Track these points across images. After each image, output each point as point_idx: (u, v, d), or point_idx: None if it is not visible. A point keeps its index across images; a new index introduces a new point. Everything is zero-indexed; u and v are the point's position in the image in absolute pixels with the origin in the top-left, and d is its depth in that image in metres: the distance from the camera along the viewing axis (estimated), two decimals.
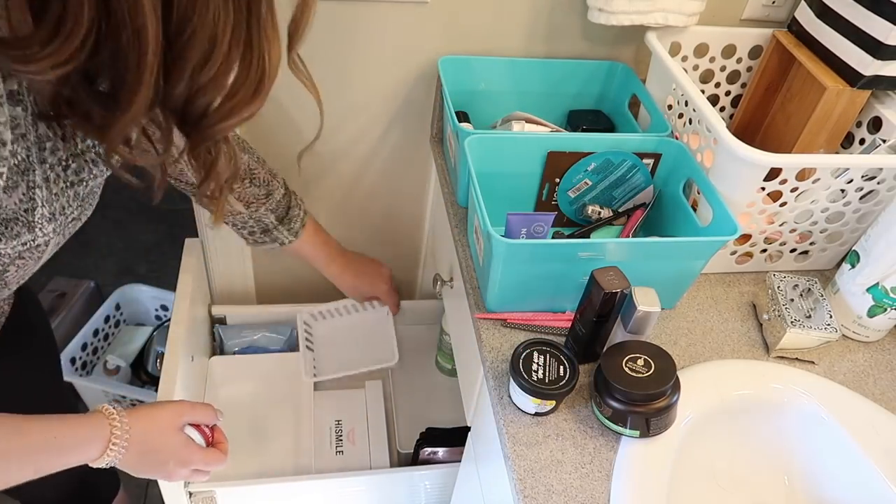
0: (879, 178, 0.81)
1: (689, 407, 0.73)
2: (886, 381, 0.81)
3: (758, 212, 0.83)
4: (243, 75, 0.46)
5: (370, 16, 0.98)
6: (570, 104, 1.07)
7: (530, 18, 1.01)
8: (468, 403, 0.94)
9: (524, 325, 0.81)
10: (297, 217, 1.00)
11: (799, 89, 0.93)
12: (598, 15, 0.94)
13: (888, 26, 0.79)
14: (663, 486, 0.67)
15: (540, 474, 0.67)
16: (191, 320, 1.04)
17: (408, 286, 1.43)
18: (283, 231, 0.99)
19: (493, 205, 0.77)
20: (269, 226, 0.97)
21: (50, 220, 0.54)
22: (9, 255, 0.53)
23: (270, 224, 0.97)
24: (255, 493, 1.03)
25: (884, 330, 0.85)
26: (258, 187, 0.92)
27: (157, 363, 1.52)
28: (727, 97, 1.06)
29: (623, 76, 1.03)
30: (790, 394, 0.77)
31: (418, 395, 1.27)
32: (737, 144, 0.76)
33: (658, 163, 0.89)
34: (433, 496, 1.12)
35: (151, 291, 1.64)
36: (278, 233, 0.99)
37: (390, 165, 1.19)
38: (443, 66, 0.98)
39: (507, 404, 0.73)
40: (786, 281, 0.85)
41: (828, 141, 0.90)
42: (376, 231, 1.30)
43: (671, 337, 0.83)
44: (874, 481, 0.71)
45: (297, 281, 1.36)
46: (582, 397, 0.75)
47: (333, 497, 1.08)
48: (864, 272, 0.81)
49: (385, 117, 1.11)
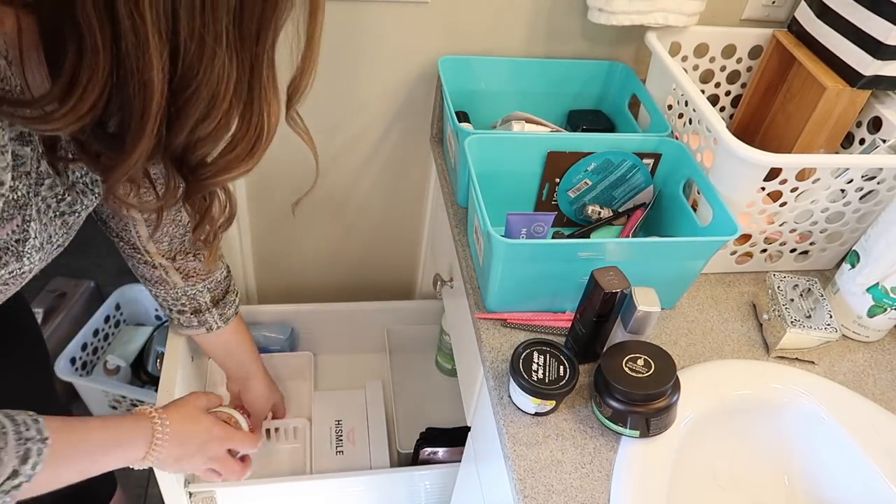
0: (879, 178, 0.81)
1: (689, 407, 0.73)
2: (886, 381, 0.81)
3: (758, 212, 0.83)
4: (242, 131, 0.48)
5: (370, 16, 0.98)
6: (571, 104, 1.07)
7: (530, 18, 1.01)
8: (468, 403, 0.94)
9: (524, 325, 0.81)
10: (231, 303, 0.93)
11: (799, 89, 0.93)
12: (598, 15, 0.94)
13: (888, 26, 0.79)
14: (663, 486, 0.67)
15: (540, 474, 0.67)
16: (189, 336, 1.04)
17: (408, 286, 1.43)
18: (214, 315, 0.91)
19: (493, 205, 0.77)
20: (202, 307, 0.90)
21: (38, 249, 0.55)
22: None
23: (204, 305, 0.90)
24: (255, 493, 1.03)
25: (884, 330, 0.85)
26: (202, 262, 0.87)
27: (157, 363, 1.51)
28: (727, 97, 1.06)
29: (623, 76, 1.03)
30: (790, 394, 0.77)
31: (418, 395, 1.27)
32: (737, 144, 0.76)
33: (658, 163, 0.89)
34: (433, 496, 1.12)
35: None
36: (209, 315, 0.91)
37: (390, 165, 1.19)
38: (443, 66, 0.98)
39: (507, 404, 0.73)
40: (786, 281, 0.85)
41: (828, 141, 0.90)
42: (376, 231, 1.30)
43: (671, 337, 0.83)
44: (874, 481, 0.71)
45: (297, 281, 1.36)
46: (582, 397, 0.75)
47: (333, 497, 1.08)
48: (864, 272, 0.81)
49: (385, 117, 1.11)
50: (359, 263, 1.35)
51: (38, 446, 0.59)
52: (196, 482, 0.98)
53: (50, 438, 0.60)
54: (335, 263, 1.34)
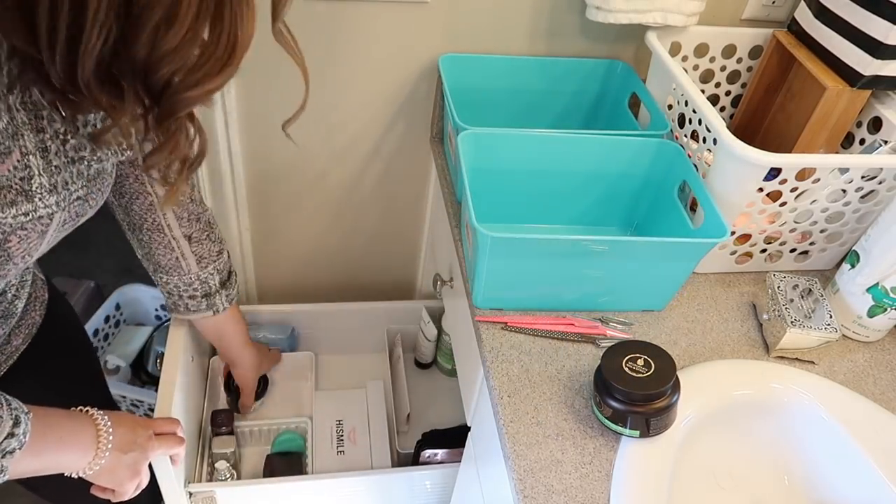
0: (879, 178, 0.81)
1: (689, 407, 0.73)
2: (886, 381, 0.81)
3: (758, 211, 0.83)
4: (212, 47, 0.44)
5: (371, 16, 0.98)
6: (570, 102, 1.07)
7: (530, 17, 1.01)
8: (468, 403, 0.94)
9: (525, 328, 0.81)
10: (234, 283, 0.97)
11: (799, 89, 0.93)
12: (597, 13, 0.94)
13: (887, 26, 0.79)
14: (663, 486, 0.67)
15: (540, 474, 0.67)
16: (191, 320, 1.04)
17: (408, 286, 1.43)
18: (222, 296, 0.94)
19: (490, 202, 0.77)
20: (211, 289, 0.93)
21: (51, 191, 0.53)
22: (9, 225, 0.52)
23: (213, 287, 0.93)
24: (256, 492, 1.03)
25: (884, 330, 0.85)
26: (214, 242, 0.90)
27: (157, 363, 1.51)
28: (727, 97, 1.06)
29: (623, 74, 1.03)
30: (790, 394, 0.77)
31: (418, 395, 1.27)
32: (737, 144, 0.76)
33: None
34: (433, 496, 1.12)
35: (151, 291, 1.64)
36: (218, 298, 0.94)
37: (390, 165, 1.19)
38: (443, 63, 0.99)
39: (507, 404, 0.73)
40: (786, 281, 0.85)
41: (828, 141, 0.90)
42: (376, 231, 1.30)
43: (671, 337, 0.83)
44: (874, 481, 0.71)
45: (297, 281, 1.36)
46: (581, 397, 0.75)
47: (334, 497, 1.08)
48: (864, 272, 0.81)
49: (385, 117, 1.11)
50: (359, 263, 1.35)
51: (25, 416, 0.61)
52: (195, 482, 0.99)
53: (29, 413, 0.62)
54: (335, 263, 1.35)
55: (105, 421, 0.72)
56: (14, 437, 0.60)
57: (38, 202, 0.53)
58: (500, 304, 0.82)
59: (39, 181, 0.52)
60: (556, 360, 0.78)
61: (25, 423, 0.61)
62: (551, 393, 0.75)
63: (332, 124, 1.11)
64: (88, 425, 0.70)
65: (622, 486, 0.67)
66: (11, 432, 0.59)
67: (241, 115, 1.07)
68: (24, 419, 0.61)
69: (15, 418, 0.60)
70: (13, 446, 0.60)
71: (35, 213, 0.53)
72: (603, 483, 0.68)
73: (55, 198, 0.54)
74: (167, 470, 0.87)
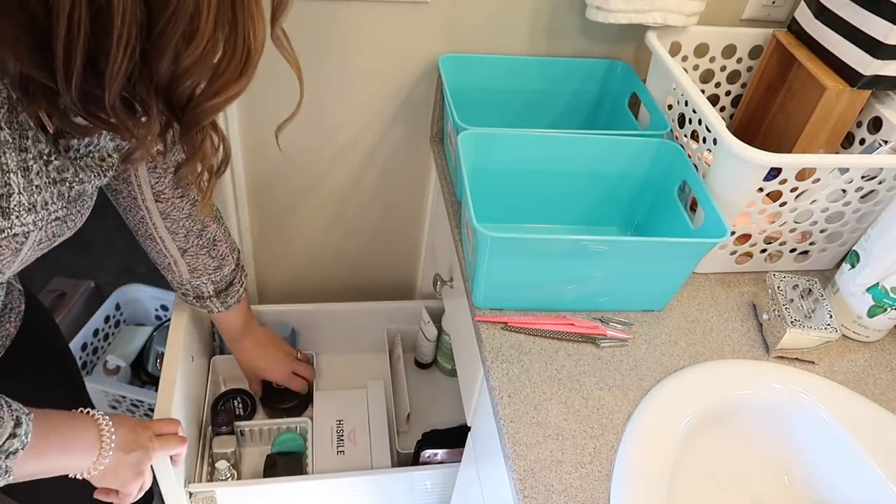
0: (879, 178, 0.81)
1: (689, 407, 0.73)
2: (886, 381, 0.81)
3: (757, 211, 0.83)
4: (229, 55, 0.46)
5: (370, 16, 0.98)
6: (570, 102, 1.07)
7: (530, 17, 1.01)
8: (468, 403, 0.94)
9: (525, 328, 0.81)
10: (234, 293, 0.99)
11: (799, 89, 0.93)
12: (596, 13, 0.94)
13: (887, 26, 0.79)
14: (663, 486, 0.67)
15: (540, 474, 0.67)
16: (191, 320, 1.05)
17: (408, 286, 1.43)
18: (216, 302, 0.98)
19: (489, 202, 0.77)
20: (204, 294, 0.96)
21: (29, 210, 0.53)
22: None
23: (206, 294, 0.96)
24: (256, 492, 1.03)
25: (884, 330, 0.85)
26: (213, 259, 0.92)
27: (157, 363, 1.51)
28: (727, 97, 1.06)
29: (623, 74, 1.03)
30: (790, 394, 0.77)
31: (418, 395, 1.27)
32: (737, 144, 0.76)
33: None
34: (433, 496, 1.12)
35: (151, 291, 1.64)
36: (211, 303, 0.98)
37: (390, 165, 1.19)
38: (443, 63, 0.99)
39: (507, 404, 0.73)
40: (786, 281, 0.85)
41: (828, 141, 0.90)
42: (376, 231, 1.30)
43: (671, 337, 0.83)
44: (874, 481, 0.71)
45: (297, 281, 1.36)
46: (581, 397, 0.75)
47: (334, 497, 1.08)
48: (864, 272, 0.81)
49: (385, 117, 1.11)
50: (359, 263, 1.35)
51: (26, 417, 0.62)
52: (196, 482, 0.99)
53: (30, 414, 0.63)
54: (335, 263, 1.35)
55: (106, 421, 0.72)
56: (16, 438, 0.60)
57: (15, 220, 0.52)
58: (500, 304, 0.82)
59: (18, 199, 0.52)
60: (556, 360, 0.78)
61: (27, 424, 0.61)
62: (551, 393, 0.75)
63: (331, 124, 1.11)
64: (90, 426, 0.71)
65: (622, 486, 0.67)
66: (13, 433, 0.60)
67: (241, 116, 1.07)
68: (25, 420, 0.61)
69: (16, 419, 0.60)
70: (16, 447, 0.60)
71: (10, 231, 0.53)
72: (603, 483, 0.67)
73: (33, 217, 0.54)
74: (167, 470, 0.87)
